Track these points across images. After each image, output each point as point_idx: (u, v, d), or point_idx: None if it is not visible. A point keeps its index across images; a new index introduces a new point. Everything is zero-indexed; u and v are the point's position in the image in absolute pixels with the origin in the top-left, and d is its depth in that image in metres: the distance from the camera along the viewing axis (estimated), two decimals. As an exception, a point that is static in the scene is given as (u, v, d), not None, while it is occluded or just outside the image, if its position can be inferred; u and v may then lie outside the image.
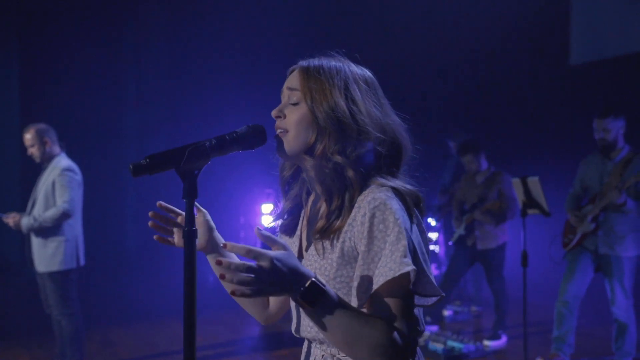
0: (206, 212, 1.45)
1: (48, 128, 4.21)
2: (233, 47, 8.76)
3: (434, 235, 7.37)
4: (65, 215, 4.07)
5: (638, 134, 4.59)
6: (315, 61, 1.34)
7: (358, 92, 1.30)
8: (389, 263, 1.18)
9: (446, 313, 5.81)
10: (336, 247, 1.26)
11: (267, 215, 7.26)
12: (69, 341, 4.15)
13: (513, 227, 5.15)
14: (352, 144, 1.27)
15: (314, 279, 1.12)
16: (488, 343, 4.89)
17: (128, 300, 7.07)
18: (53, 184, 4.11)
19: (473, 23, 7.74)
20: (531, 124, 7.66)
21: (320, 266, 1.28)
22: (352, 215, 1.25)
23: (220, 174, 7.47)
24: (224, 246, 1.07)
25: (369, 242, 1.20)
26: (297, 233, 1.42)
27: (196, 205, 1.40)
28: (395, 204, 1.21)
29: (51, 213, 4.06)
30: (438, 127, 7.29)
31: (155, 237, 1.42)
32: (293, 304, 1.38)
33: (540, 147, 7.37)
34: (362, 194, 1.26)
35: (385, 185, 1.25)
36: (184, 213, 1.42)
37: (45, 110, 7.69)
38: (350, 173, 1.26)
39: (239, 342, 5.39)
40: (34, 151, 4.19)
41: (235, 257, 1.49)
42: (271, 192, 7.37)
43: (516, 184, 4.35)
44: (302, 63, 1.34)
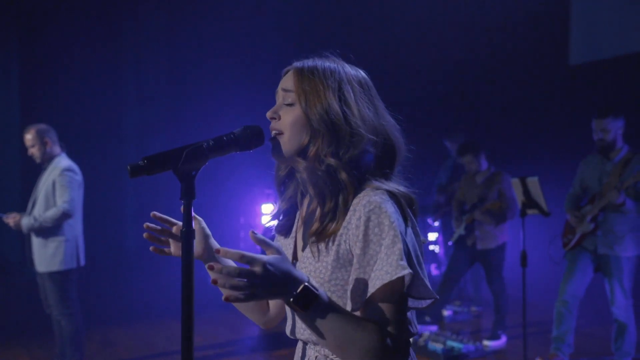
0: (201, 220, 1.44)
1: (48, 128, 4.22)
2: (233, 48, 8.76)
3: (434, 235, 7.38)
4: (65, 215, 4.08)
5: (637, 134, 4.60)
6: (309, 62, 1.33)
7: (351, 94, 1.30)
8: (385, 266, 1.18)
9: (446, 313, 5.81)
10: (331, 250, 1.26)
11: (267, 215, 7.25)
12: (69, 341, 4.16)
13: (512, 227, 5.16)
14: (345, 146, 1.26)
15: (307, 284, 1.12)
16: (488, 343, 4.89)
17: (128, 300, 7.08)
18: (53, 184, 4.12)
19: (472, 23, 7.74)
20: (530, 124, 7.66)
21: (315, 269, 1.28)
22: (347, 218, 1.25)
23: (220, 175, 7.48)
24: (217, 252, 1.07)
25: (365, 246, 1.21)
26: (292, 234, 1.42)
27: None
28: (390, 207, 1.22)
29: (51, 213, 4.06)
30: (438, 128, 7.28)
31: (151, 249, 1.42)
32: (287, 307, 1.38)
33: (539, 147, 7.37)
34: (357, 197, 1.26)
35: (379, 188, 1.25)
36: (180, 222, 1.41)
37: (45, 110, 7.71)
38: (343, 175, 1.26)
39: (239, 342, 5.39)
40: (35, 151, 4.20)
41: (231, 263, 1.49)
42: (271, 193, 7.36)
43: (515, 184, 4.36)
44: (297, 64, 1.34)
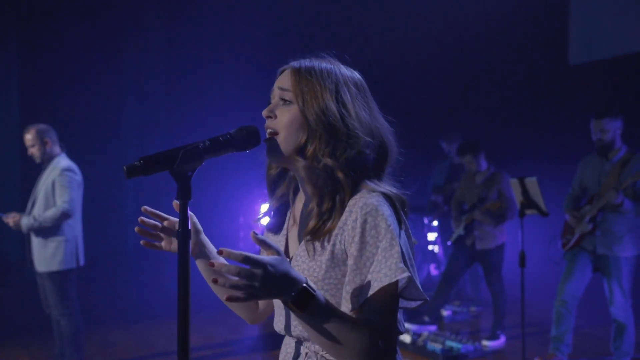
0: (193, 215, 1.44)
1: (48, 128, 4.23)
2: (232, 48, 8.76)
3: (433, 235, 7.38)
4: (65, 215, 4.08)
5: (636, 134, 4.60)
6: (306, 62, 1.34)
7: (348, 96, 1.31)
8: (384, 269, 1.19)
9: (445, 313, 5.81)
10: (326, 249, 1.28)
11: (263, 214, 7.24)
12: (68, 341, 4.16)
13: (511, 228, 5.16)
14: (342, 147, 1.28)
15: (305, 284, 1.13)
16: (487, 343, 4.89)
17: (128, 300, 7.08)
18: (53, 184, 4.13)
19: (472, 23, 7.75)
20: (530, 124, 7.66)
21: (308, 267, 1.30)
22: (343, 218, 1.27)
23: (220, 175, 7.48)
24: (220, 252, 1.08)
25: (361, 247, 1.22)
26: (283, 232, 1.44)
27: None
28: (386, 210, 1.24)
29: (51, 213, 4.07)
30: (437, 128, 7.28)
31: (142, 243, 1.42)
32: (279, 303, 1.39)
33: (538, 148, 7.37)
34: (353, 198, 1.27)
35: (375, 190, 1.27)
36: (171, 217, 1.42)
37: (45, 110, 7.70)
38: (340, 175, 1.27)
39: (238, 342, 5.39)
40: (35, 151, 4.20)
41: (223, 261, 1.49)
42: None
43: (514, 185, 4.36)
44: (294, 64, 1.35)
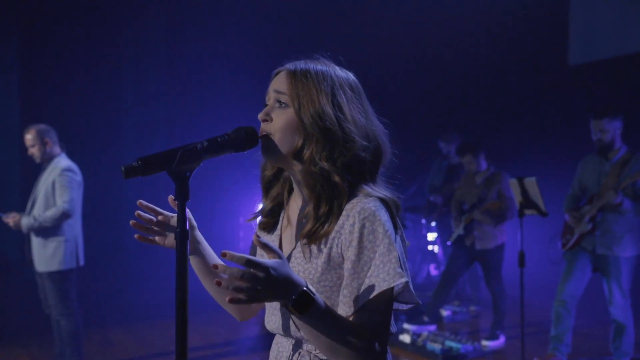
0: (187, 210, 1.45)
1: (49, 129, 4.24)
2: (232, 49, 8.76)
3: (433, 235, 7.38)
4: (65, 215, 4.09)
5: (636, 135, 4.60)
6: (301, 64, 1.33)
7: (344, 99, 1.31)
8: (382, 274, 1.20)
9: (444, 313, 5.81)
10: (323, 252, 1.28)
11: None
12: (68, 341, 4.16)
13: (511, 228, 5.16)
14: (339, 151, 1.28)
15: (306, 288, 1.14)
16: (486, 343, 4.89)
17: (127, 300, 7.08)
18: (53, 184, 4.13)
19: (472, 23, 7.75)
20: (529, 125, 7.66)
21: (304, 269, 1.30)
22: (340, 222, 1.27)
23: (219, 175, 7.48)
24: (223, 255, 1.08)
25: (359, 252, 1.23)
26: (277, 232, 1.44)
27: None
28: (384, 215, 1.25)
29: (51, 213, 4.07)
30: (436, 128, 7.28)
31: (136, 236, 1.41)
32: (271, 303, 1.38)
33: (538, 148, 7.37)
34: (350, 203, 1.28)
35: (371, 195, 1.28)
36: (165, 212, 1.42)
37: (45, 110, 7.71)
38: (337, 179, 1.27)
39: (238, 342, 5.40)
40: (35, 151, 4.21)
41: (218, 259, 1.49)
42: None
43: (513, 185, 4.36)
44: (289, 66, 1.34)
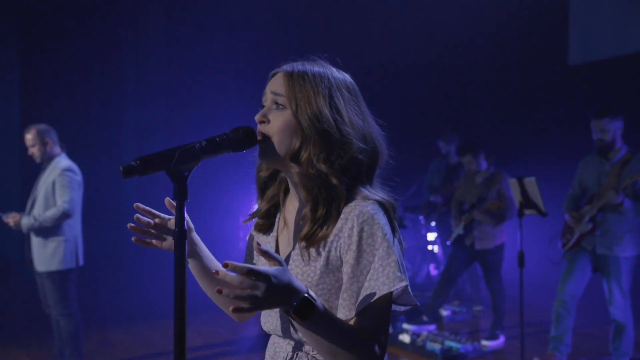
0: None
1: (49, 128, 4.24)
2: (232, 49, 8.77)
3: (433, 235, 7.38)
4: (65, 215, 4.09)
5: (636, 135, 4.60)
6: (299, 66, 1.33)
7: (341, 101, 1.31)
8: (381, 277, 1.20)
9: (444, 313, 5.81)
10: (321, 255, 1.28)
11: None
12: (67, 341, 4.16)
13: (510, 228, 5.16)
14: (336, 153, 1.27)
15: (307, 295, 1.13)
16: (486, 343, 4.89)
17: (127, 300, 7.08)
18: (53, 184, 4.13)
19: (471, 23, 7.75)
20: (529, 125, 7.67)
21: (303, 272, 1.30)
22: (339, 226, 1.27)
23: (219, 175, 7.48)
24: (225, 265, 1.07)
25: (358, 256, 1.23)
26: (274, 234, 1.43)
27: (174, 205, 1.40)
28: (382, 219, 1.25)
29: (51, 213, 4.07)
30: (436, 128, 7.28)
31: (133, 239, 1.40)
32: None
33: (538, 148, 7.37)
34: (348, 206, 1.27)
35: (369, 198, 1.28)
36: (162, 214, 1.41)
37: (45, 110, 7.70)
38: (334, 182, 1.27)
39: (238, 342, 5.40)
40: (35, 151, 4.21)
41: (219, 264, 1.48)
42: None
43: (513, 185, 4.36)
44: (286, 67, 1.34)
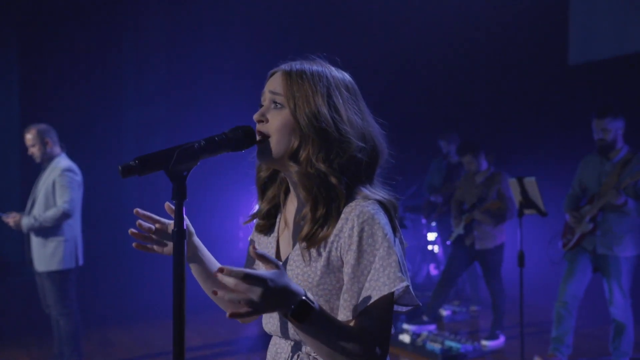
0: (185, 217, 1.45)
1: (49, 128, 4.24)
2: (232, 49, 8.76)
3: (433, 235, 7.37)
4: (65, 215, 4.09)
5: (637, 135, 4.59)
6: (297, 65, 1.33)
7: (340, 100, 1.30)
8: (382, 278, 1.20)
9: (444, 313, 5.81)
10: (322, 256, 1.27)
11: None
12: (67, 341, 4.17)
13: (510, 228, 5.16)
14: (335, 152, 1.27)
15: (304, 297, 1.13)
16: (486, 343, 4.89)
17: (127, 300, 7.07)
18: (53, 184, 4.13)
19: (471, 24, 7.75)
20: (530, 125, 7.66)
21: (303, 272, 1.29)
22: (339, 226, 1.26)
23: (219, 175, 7.48)
24: (221, 270, 1.07)
25: (359, 256, 1.22)
26: (274, 234, 1.43)
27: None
28: (382, 219, 1.24)
29: (51, 213, 4.07)
30: (436, 128, 7.27)
31: (134, 245, 1.40)
32: None
33: (538, 148, 7.36)
34: (349, 206, 1.27)
35: (369, 197, 1.27)
36: (163, 220, 1.42)
37: (45, 110, 7.71)
38: (334, 181, 1.27)
39: (238, 342, 5.39)
40: (35, 151, 4.21)
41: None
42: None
43: (513, 185, 4.36)
44: (284, 66, 1.33)
